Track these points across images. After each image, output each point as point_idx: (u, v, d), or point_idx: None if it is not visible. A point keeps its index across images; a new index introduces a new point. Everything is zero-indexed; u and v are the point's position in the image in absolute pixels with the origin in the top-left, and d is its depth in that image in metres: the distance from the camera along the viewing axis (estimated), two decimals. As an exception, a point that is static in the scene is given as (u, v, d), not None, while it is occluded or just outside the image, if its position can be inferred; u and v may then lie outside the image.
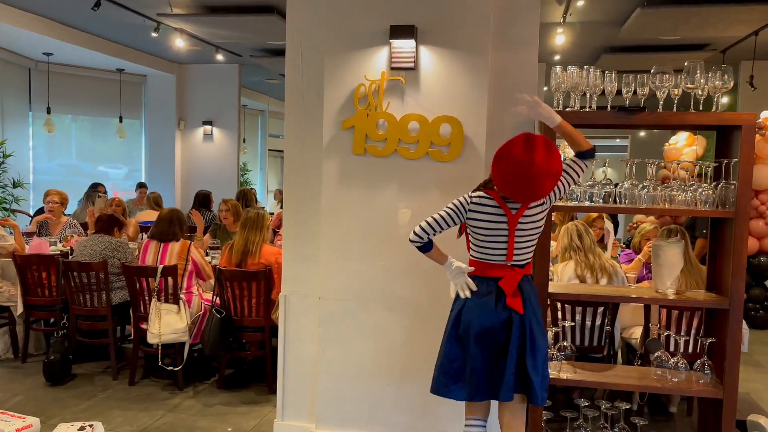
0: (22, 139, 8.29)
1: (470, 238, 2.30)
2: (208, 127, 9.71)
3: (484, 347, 2.17)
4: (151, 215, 6.55)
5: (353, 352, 2.88)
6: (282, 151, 14.73)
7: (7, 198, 7.15)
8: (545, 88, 7.46)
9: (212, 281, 4.09)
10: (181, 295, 3.90)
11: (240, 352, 3.90)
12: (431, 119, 2.72)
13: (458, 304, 2.27)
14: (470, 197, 2.26)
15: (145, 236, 5.55)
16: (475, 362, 2.16)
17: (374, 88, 2.75)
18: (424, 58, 2.72)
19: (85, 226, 5.67)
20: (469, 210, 2.25)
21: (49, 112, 8.16)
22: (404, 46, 2.70)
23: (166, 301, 3.83)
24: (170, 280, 3.84)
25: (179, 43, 7.48)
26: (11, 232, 4.58)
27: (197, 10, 6.48)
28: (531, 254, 2.28)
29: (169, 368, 3.89)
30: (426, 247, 2.27)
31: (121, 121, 9.12)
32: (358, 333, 2.88)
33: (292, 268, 3.10)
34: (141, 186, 7.98)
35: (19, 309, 4.22)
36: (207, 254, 4.71)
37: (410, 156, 2.76)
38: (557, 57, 7.77)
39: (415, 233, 2.25)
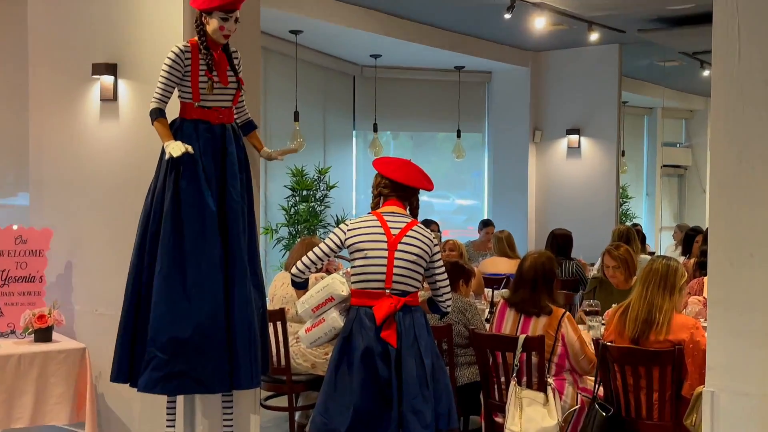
0: (345, 165, 10.00)
1: (351, 266, 3.69)
2: (574, 138, 10.06)
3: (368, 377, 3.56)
4: (499, 265, 7.11)
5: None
6: (682, 167, 14.31)
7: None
8: None
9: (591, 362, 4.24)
10: (550, 380, 4.16)
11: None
12: None
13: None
14: (347, 224, 3.81)
15: (490, 293, 6.06)
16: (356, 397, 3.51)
17: None
18: None
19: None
20: (348, 237, 3.74)
21: (375, 130, 9.65)
22: None
23: (529, 387, 4.13)
24: (534, 357, 4.14)
25: (538, 23, 8.04)
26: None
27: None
28: (415, 285, 3.70)
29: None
30: (303, 284, 3.91)
31: (459, 135, 10.18)
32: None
33: (723, 349, 3.05)
34: (486, 224, 8.75)
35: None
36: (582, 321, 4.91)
37: None
38: None
39: (297, 269, 3.83)
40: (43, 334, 4.47)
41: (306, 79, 8.64)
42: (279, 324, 4.99)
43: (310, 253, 3.81)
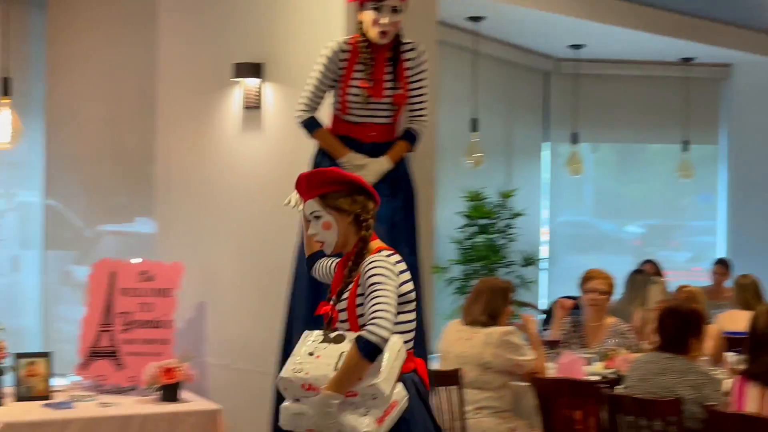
0: (533, 187, 9.95)
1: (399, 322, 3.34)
2: None
3: None
4: (740, 320, 6.80)
5: None
6: None
7: (514, 281, 8.59)
8: None
9: None
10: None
11: None
12: None
13: None
14: (392, 263, 3.33)
15: (732, 356, 5.80)
16: None
17: None
18: None
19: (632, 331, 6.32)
20: (401, 283, 3.34)
21: (575, 141, 9.51)
22: None
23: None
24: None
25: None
26: (527, 339, 5.51)
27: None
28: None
29: None
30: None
31: (686, 147, 9.90)
32: None
33: None
34: (720, 262, 8.42)
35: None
36: None
37: None
38: None
39: (387, 330, 3.22)
40: (171, 392, 4.71)
41: (486, 77, 8.65)
42: (453, 390, 5.01)
43: (389, 308, 3.26)
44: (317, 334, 3.35)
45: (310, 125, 4.03)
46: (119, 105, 6.10)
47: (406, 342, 3.34)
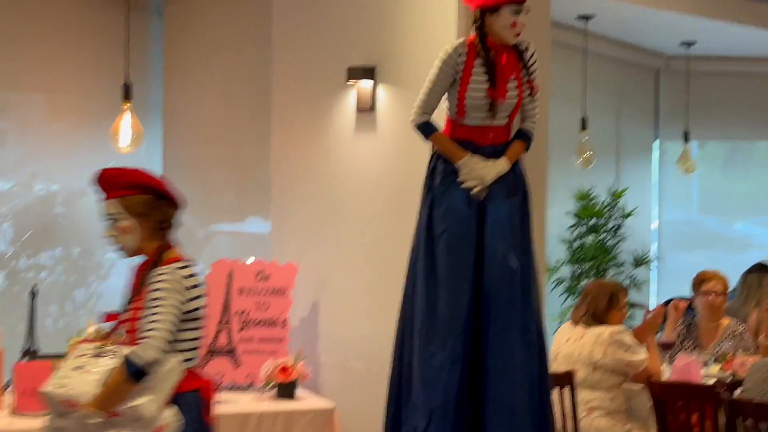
0: (644, 186, 9.83)
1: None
2: None
3: None
4: None
5: None
6: None
7: (625, 281, 8.49)
8: None
9: None
10: None
11: None
12: None
13: None
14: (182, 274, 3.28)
15: None
16: None
17: None
18: None
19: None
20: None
21: (687, 139, 9.36)
22: None
23: None
24: None
25: None
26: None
27: None
28: None
29: None
30: None
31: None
32: None
33: None
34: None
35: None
36: None
37: None
38: None
39: None
40: (287, 390, 4.82)
41: (596, 75, 8.58)
42: (566, 390, 5.00)
43: (165, 326, 3.21)
44: (93, 346, 3.28)
45: (426, 129, 4.03)
46: (235, 108, 6.24)
47: (187, 360, 3.25)
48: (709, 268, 6.15)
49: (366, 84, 4.92)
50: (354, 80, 4.98)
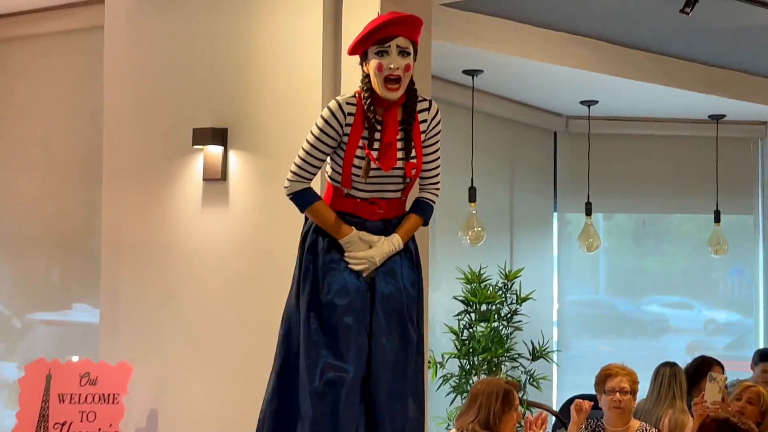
0: (543, 266, 9.89)
1: None
2: None
3: None
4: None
5: None
6: None
7: (520, 377, 8.49)
8: None
9: None
10: None
11: None
12: None
13: None
14: None
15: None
16: None
17: None
18: None
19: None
20: None
21: (589, 213, 9.35)
22: None
23: None
24: None
25: None
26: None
27: None
28: None
29: None
30: None
31: (717, 219, 9.87)
32: None
33: None
34: (765, 358, 8.35)
35: None
36: None
37: None
38: None
39: None
40: None
41: (485, 138, 8.58)
42: None
43: None
44: None
45: (303, 199, 3.91)
46: (58, 176, 6.07)
47: None
48: (619, 357, 6.17)
49: (215, 150, 4.85)
50: (201, 144, 4.90)
